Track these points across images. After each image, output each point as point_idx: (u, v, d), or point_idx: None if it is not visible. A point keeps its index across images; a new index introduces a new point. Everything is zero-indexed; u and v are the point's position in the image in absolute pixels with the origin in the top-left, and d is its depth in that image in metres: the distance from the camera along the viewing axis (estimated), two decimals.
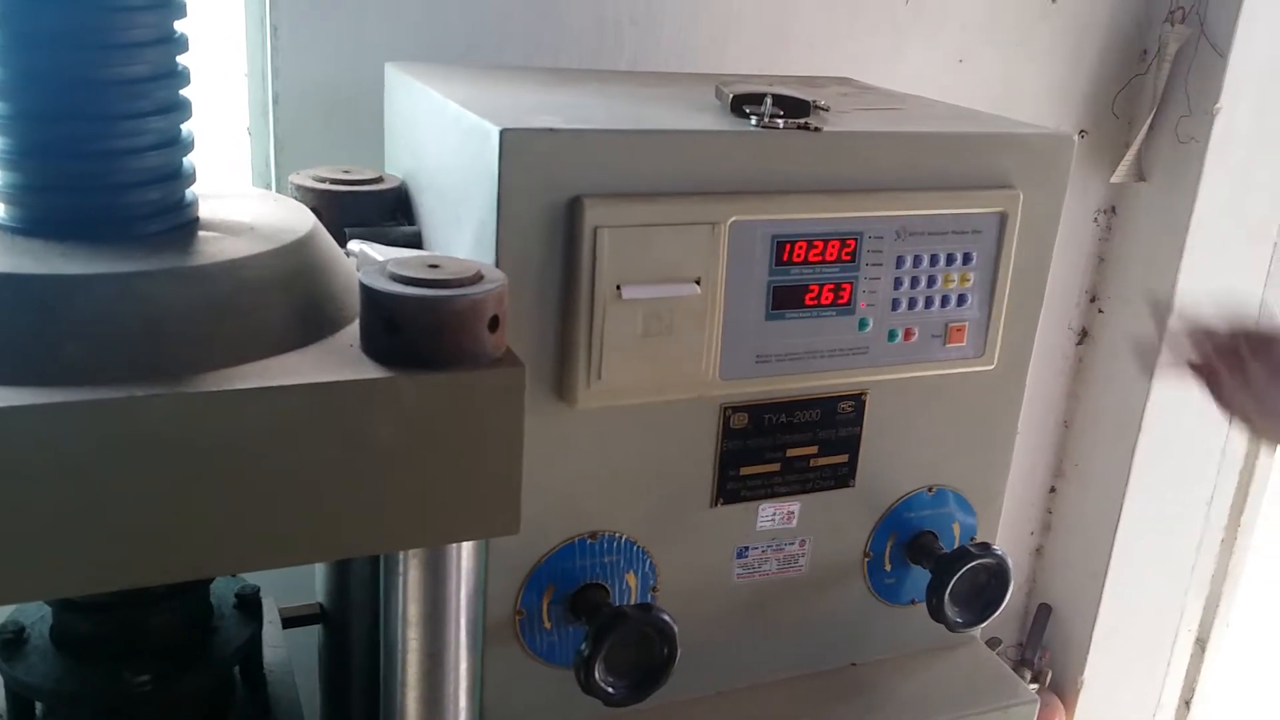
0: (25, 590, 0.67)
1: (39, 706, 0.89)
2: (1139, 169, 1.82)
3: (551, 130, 0.87)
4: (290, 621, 1.10)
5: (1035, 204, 1.05)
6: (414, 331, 0.67)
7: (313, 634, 1.16)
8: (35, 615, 0.88)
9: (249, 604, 0.93)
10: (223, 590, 0.94)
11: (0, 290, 0.65)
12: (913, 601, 1.17)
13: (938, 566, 1.09)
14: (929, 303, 1.03)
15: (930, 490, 1.14)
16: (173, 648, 0.87)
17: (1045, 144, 1.05)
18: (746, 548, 1.07)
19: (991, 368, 1.09)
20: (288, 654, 1.04)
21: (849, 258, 0.98)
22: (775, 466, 1.05)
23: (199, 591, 0.91)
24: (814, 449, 1.06)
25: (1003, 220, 1.03)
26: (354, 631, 1.05)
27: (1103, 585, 2.04)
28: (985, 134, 1.04)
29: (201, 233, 0.76)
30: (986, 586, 1.10)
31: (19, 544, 0.61)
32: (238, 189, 0.87)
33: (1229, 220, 1.84)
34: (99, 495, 0.62)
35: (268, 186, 1.34)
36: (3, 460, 0.59)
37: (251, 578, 0.96)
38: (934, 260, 1.02)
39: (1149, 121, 1.78)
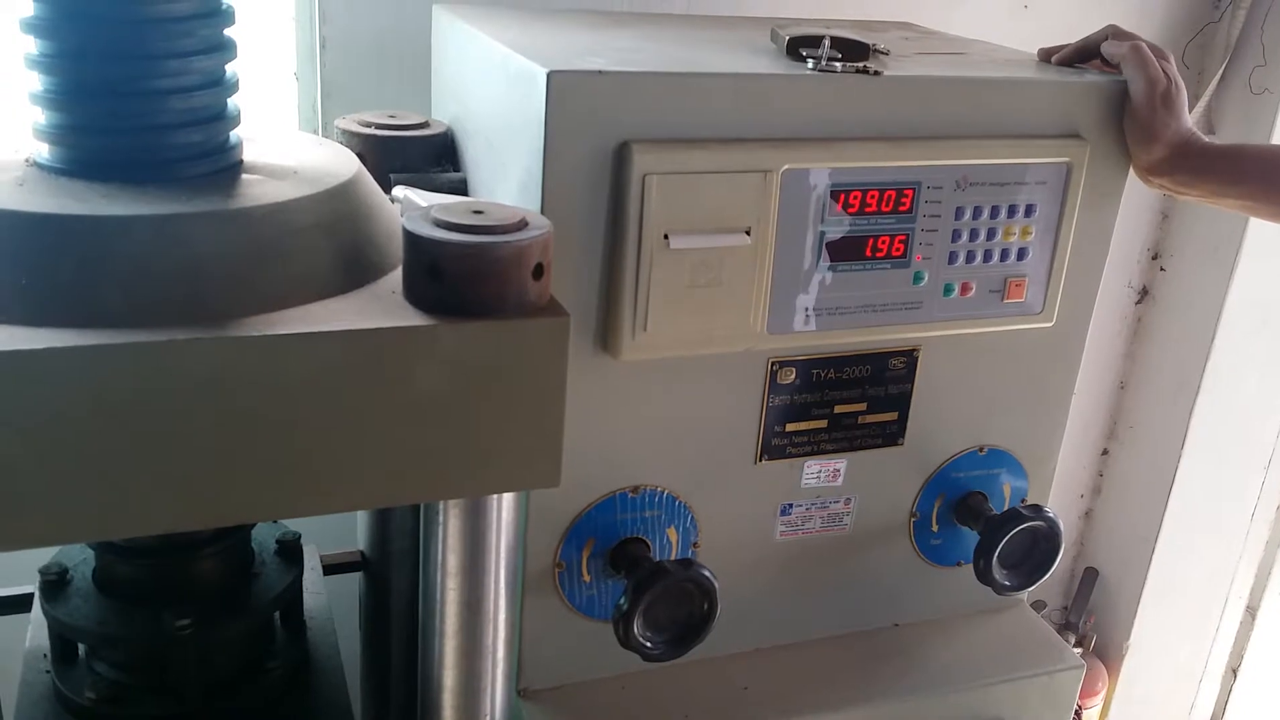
0: (67, 533, 0.67)
1: (81, 647, 0.90)
2: (1209, 121, 1.76)
3: (600, 73, 0.84)
4: (331, 568, 1.11)
5: (1103, 155, 1.01)
6: (457, 278, 0.66)
7: (353, 581, 1.17)
8: (78, 557, 0.89)
9: (290, 550, 0.94)
10: (264, 536, 0.94)
11: (42, 231, 0.64)
12: (959, 563, 1.15)
13: (987, 528, 1.07)
14: (988, 256, 1.00)
15: (981, 450, 1.11)
16: (214, 593, 0.88)
17: (1115, 93, 1.01)
18: (790, 505, 1.05)
19: (1050, 325, 1.05)
20: (328, 601, 1.05)
21: (906, 208, 0.95)
22: (822, 423, 1.02)
23: (241, 537, 0.91)
24: (863, 406, 1.03)
25: (1068, 171, 0.99)
26: (394, 580, 1.05)
27: (1152, 550, 2.01)
28: (1052, 81, 1.00)
29: (245, 176, 0.75)
30: (1036, 550, 1.08)
31: (61, 486, 0.61)
32: (282, 132, 0.86)
33: None
34: (139, 439, 0.61)
35: (314, 132, 1.33)
36: (44, 402, 0.59)
37: (293, 524, 0.96)
38: (995, 212, 0.98)
39: (1221, 72, 1.71)
